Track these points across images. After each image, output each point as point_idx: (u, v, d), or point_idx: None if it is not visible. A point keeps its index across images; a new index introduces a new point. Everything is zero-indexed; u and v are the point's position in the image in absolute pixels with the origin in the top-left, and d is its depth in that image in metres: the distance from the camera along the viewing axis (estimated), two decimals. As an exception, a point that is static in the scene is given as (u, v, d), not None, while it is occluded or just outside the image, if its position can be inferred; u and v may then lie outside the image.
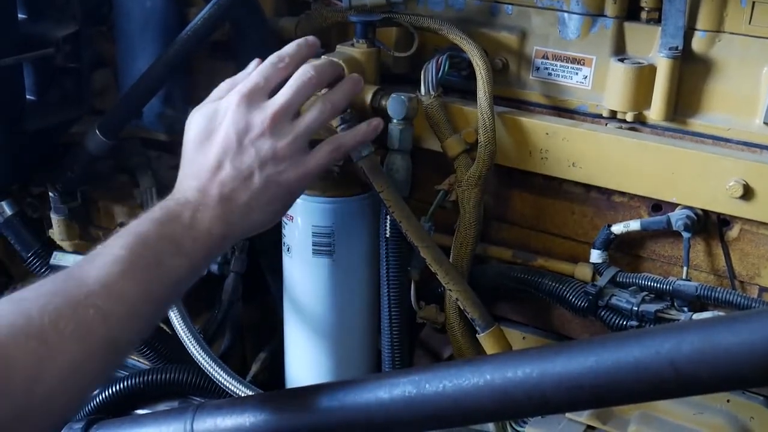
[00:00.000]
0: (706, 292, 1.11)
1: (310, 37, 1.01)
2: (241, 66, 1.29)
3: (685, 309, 1.13)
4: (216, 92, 0.99)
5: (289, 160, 0.93)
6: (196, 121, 0.95)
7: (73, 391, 0.77)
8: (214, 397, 1.32)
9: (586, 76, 1.18)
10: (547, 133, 1.16)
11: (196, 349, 1.25)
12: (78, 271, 0.81)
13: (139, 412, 1.37)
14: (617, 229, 1.17)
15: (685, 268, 1.14)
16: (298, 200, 1.17)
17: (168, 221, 0.87)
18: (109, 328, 0.78)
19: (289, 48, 0.99)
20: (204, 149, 0.92)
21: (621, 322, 1.15)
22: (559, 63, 1.19)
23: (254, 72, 0.97)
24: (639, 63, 1.13)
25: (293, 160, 0.93)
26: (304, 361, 1.28)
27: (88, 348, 0.76)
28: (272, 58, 0.97)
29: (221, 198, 0.90)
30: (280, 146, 0.92)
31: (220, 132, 0.92)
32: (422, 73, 1.17)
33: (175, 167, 0.96)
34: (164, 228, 0.86)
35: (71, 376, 0.75)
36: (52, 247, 1.40)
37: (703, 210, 1.12)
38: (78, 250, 1.40)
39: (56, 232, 1.41)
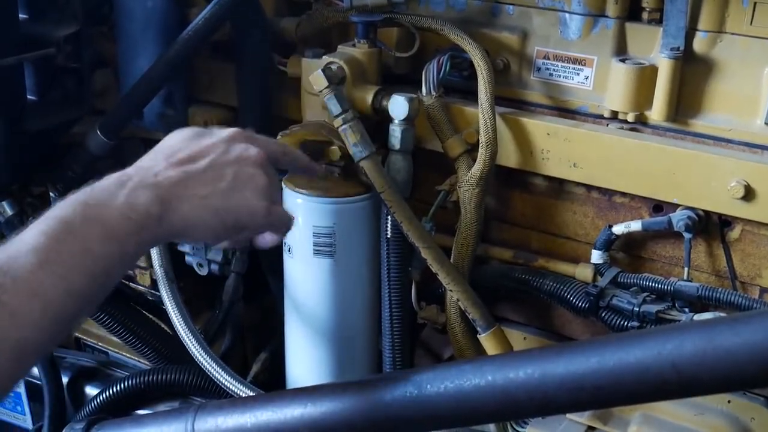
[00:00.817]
0: (707, 293, 1.10)
1: (317, 166, 1.02)
2: (242, 66, 1.30)
3: (686, 310, 1.13)
4: None
5: (259, 193, 0.86)
6: (183, 131, 0.89)
7: None
8: (214, 397, 1.32)
9: (587, 77, 1.18)
10: (548, 134, 1.16)
11: (196, 350, 1.25)
12: None
13: (140, 412, 1.37)
14: (618, 229, 1.17)
15: (686, 269, 1.14)
16: (300, 200, 1.17)
17: (97, 202, 0.76)
18: (18, 328, 0.69)
19: (299, 153, 0.98)
20: (183, 145, 0.85)
21: (622, 322, 1.14)
22: (560, 63, 1.19)
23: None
24: (640, 63, 1.13)
25: (261, 196, 0.86)
26: (305, 362, 1.28)
27: None
28: (283, 144, 0.98)
29: (177, 180, 0.81)
30: (260, 179, 0.86)
31: (210, 139, 0.87)
32: (423, 73, 1.17)
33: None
34: (92, 209, 0.75)
35: None
36: (53, 247, 1.39)
37: (704, 211, 1.12)
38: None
39: (57, 233, 1.41)
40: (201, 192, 0.82)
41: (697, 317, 1.11)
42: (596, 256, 1.19)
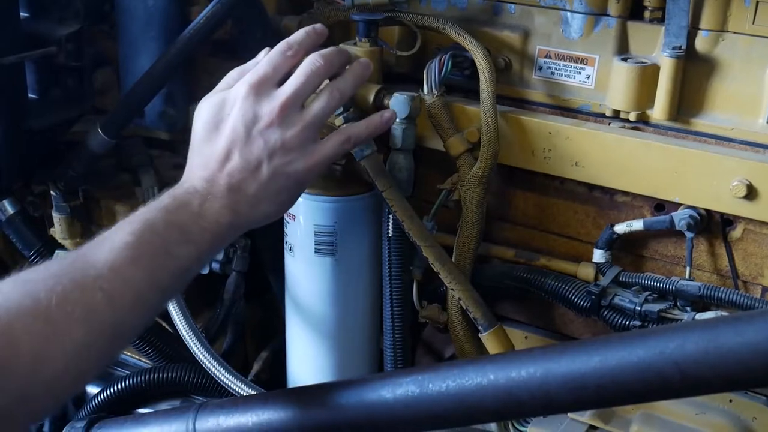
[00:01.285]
0: (709, 292, 1.10)
1: (318, 25, 1.00)
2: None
3: (688, 309, 1.13)
4: (225, 80, 0.99)
5: (297, 150, 0.93)
6: (204, 111, 0.95)
7: (76, 374, 0.77)
8: (216, 396, 1.32)
9: (589, 76, 1.18)
10: (549, 133, 1.16)
11: (198, 348, 1.25)
12: (86, 253, 0.81)
13: (141, 411, 1.37)
14: (620, 228, 1.17)
15: (688, 268, 1.14)
16: (301, 199, 1.17)
17: (176, 209, 0.87)
18: (114, 312, 0.78)
19: (298, 36, 0.98)
20: (212, 139, 0.92)
21: (624, 321, 1.14)
22: (562, 62, 1.19)
23: (262, 61, 0.96)
24: (642, 62, 1.13)
25: (302, 151, 0.93)
26: (306, 361, 1.28)
27: (93, 331, 0.77)
28: (281, 47, 0.97)
29: (229, 188, 0.90)
30: (289, 136, 0.92)
31: (229, 122, 0.92)
32: (425, 72, 1.17)
33: (177, 166, 0.96)
34: (172, 215, 0.86)
35: (75, 359, 0.76)
36: (54, 245, 1.40)
37: (706, 210, 1.12)
38: (80, 249, 1.40)
39: (58, 231, 1.41)
40: (251, 190, 0.91)
41: (699, 316, 1.11)
42: (598, 255, 1.19)
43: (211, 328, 1.42)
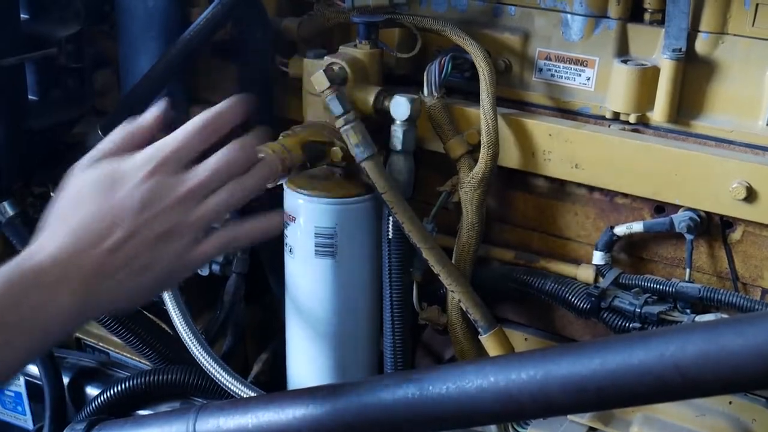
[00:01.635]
0: (709, 294, 1.10)
1: (242, 96, 0.88)
2: (243, 66, 1.30)
3: (688, 311, 1.13)
4: (105, 144, 0.87)
5: (182, 242, 0.82)
6: (90, 178, 0.83)
7: None
8: (215, 398, 1.32)
9: (589, 78, 1.18)
10: (549, 135, 1.16)
11: (197, 350, 1.25)
12: None
13: (141, 413, 1.37)
14: (620, 230, 1.17)
15: (687, 270, 1.14)
16: (301, 201, 1.17)
17: (21, 286, 0.76)
18: None
19: (217, 110, 0.87)
20: (95, 209, 0.80)
21: (624, 323, 1.14)
22: (562, 64, 1.19)
23: (174, 137, 0.85)
24: (642, 64, 1.13)
25: (186, 245, 0.82)
26: (306, 362, 1.28)
27: None
28: (197, 122, 0.85)
29: (94, 270, 0.78)
30: (181, 227, 0.82)
31: (121, 194, 0.80)
32: (425, 74, 1.17)
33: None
34: (18, 290, 0.76)
35: None
36: (54, 247, 1.39)
37: (706, 212, 1.12)
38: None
39: (58, 233, 1.40)
40: (118, 276, 0.79)
41: (699, 318, 1.11)
42: (598, 257, 1.19)
43: (211, 330, 1.42)
